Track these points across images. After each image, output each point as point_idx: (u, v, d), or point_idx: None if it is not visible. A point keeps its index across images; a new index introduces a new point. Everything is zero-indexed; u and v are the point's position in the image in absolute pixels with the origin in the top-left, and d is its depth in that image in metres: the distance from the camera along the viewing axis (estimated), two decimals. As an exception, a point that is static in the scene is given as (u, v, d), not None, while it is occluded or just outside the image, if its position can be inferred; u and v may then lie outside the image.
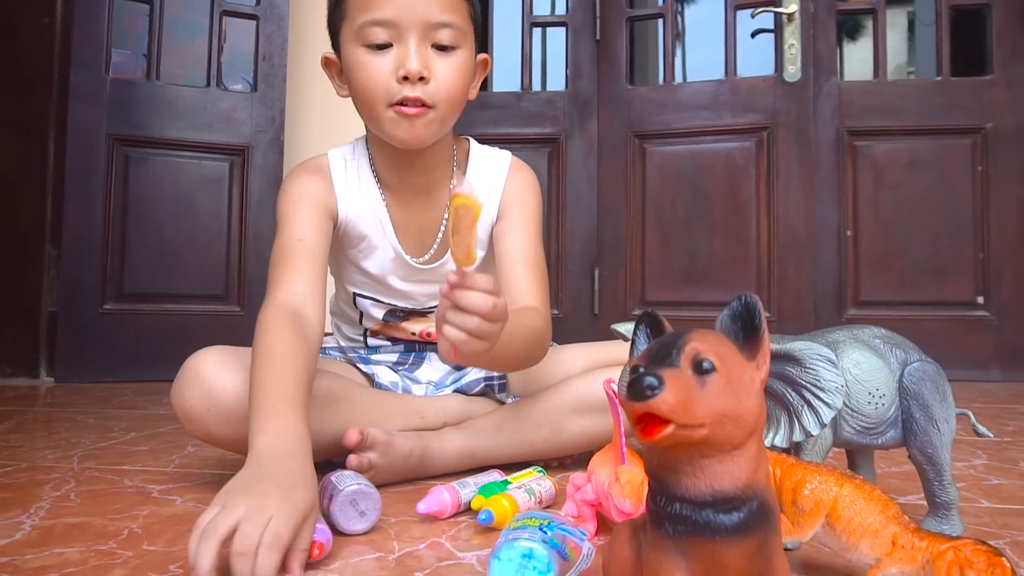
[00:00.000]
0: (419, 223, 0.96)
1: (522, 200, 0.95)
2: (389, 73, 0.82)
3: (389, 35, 0.82)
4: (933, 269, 2.21)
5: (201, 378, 0.78)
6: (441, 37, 0.83)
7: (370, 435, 0.81)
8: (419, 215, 0.96)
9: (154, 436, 1.20)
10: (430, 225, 0.96)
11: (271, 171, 2.23)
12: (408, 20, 0.81)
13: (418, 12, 0.81)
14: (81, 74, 2.09)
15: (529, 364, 0.88)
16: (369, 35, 0.82)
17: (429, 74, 0.82)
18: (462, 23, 0.85)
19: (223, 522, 0.52)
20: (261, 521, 0.53)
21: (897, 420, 0.65)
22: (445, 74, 0.84)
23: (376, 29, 0.82)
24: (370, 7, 0.82)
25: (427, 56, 0.83)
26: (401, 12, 0.81)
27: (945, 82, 2.22)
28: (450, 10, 0.83)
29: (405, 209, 0.95)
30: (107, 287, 2.08)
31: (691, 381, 0.39)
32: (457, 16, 0.84)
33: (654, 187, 2.37)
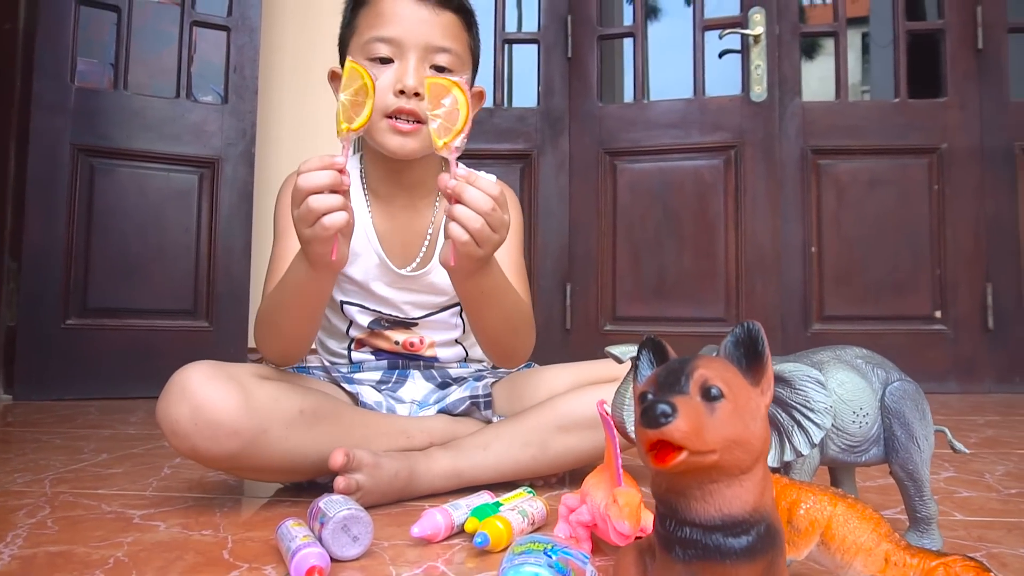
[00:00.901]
0: (404, 235, 0.99)
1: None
2: (388, 86, 0.88)
3: (392, 51, 0.89)
4: (893, 284, 2.28)
5: (188, 393, 0.77)
6: (439, 60, 0.91)
7: (356, 456, 0.80)
8: (404, 226, 1.00)
9: (127, 457, 1.17)
10: (415, 237, 1.01)
11: (241, 184, 2.20)
12: (410, 40, 0.89)
13: (421, 34, 0.89)
14: (45, 82, 2.04)
15: (514, 341, 0.91)
16: (373, 49, 0.89)
17: (423, 91, 0.85)
18: (460, 51, 0.93)
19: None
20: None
21: (879, 438, 0.68)
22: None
23: (380, 45, 0.89)
24: (377, 24, 0.90)
25: (423, 75, 0.88)
26: (405, 32, 0.89)
27: (903, 103, 2.31)
28: (451, 37, 0.91)
29: (391, 220, 0.99)
30: (70, 301, 2.02)
31: (701, 408, 0.40)
32: (457, 44, 0.92)
33: (625, 203, 2.41)
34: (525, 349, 0.94)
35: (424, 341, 1.02)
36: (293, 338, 0.88)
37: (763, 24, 2.31)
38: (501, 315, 0.87)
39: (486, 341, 0.92)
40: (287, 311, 0.85)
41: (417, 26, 0.89)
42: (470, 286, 0.82)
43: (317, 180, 0.71)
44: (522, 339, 0.92)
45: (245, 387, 0.79)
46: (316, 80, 2.40)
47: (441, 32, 0.90)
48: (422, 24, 0.89)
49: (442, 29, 0.91)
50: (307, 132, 2.39)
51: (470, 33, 0.96)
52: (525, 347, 0.93)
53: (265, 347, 0.89)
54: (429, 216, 1.01)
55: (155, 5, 2.30)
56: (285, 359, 0.91)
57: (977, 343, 2.23)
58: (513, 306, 0.88)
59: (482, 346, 0.94)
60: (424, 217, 1.01)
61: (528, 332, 0.93)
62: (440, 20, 0.91)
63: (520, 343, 0.92)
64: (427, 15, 0.90)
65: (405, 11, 0.90)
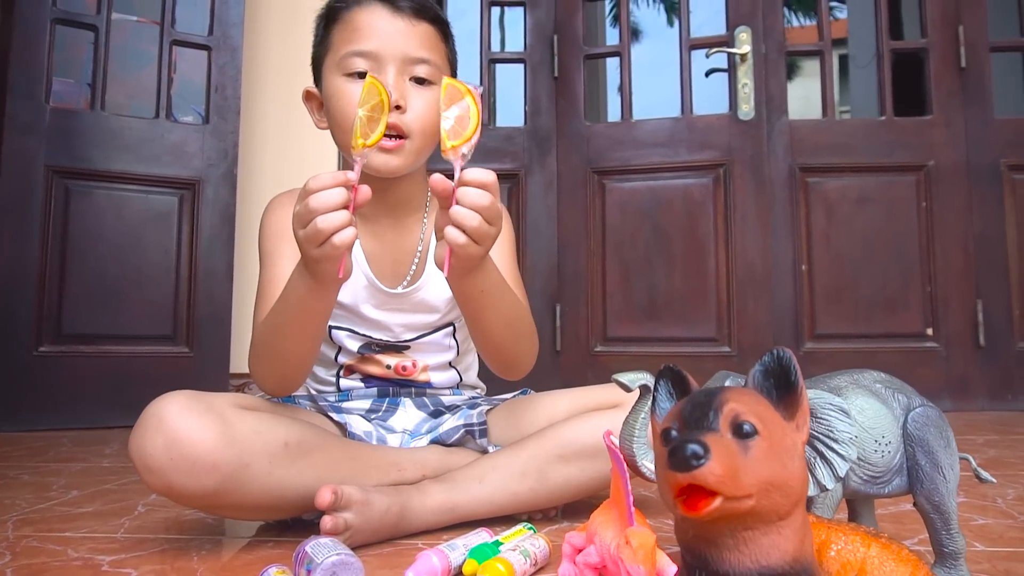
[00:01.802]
0: (393, 254, 0.96)
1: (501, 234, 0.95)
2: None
3: (369, 66, 0.86)
4: (884, 302, 2.27)
5: (164, 425, 0.72)
6: (419, 71, 0.88)
7: (345, 493, 0.75)
8: (393, 245, 0.96)
9: (99, 494, 1.10)
10: (404, 256, 0.97)
11: (223, 206, 2.15)
12: (388, 53, 0.86)
13: (398, 46, 0.87)
14: (18, 102, 1.98)
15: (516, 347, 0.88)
16: (350, 64, 0.87)
17: (406, 104, 0.86)
18: (439, 62, 0.90)
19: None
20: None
21: (902, 468, 0.64)
22: (421, 106, 0.87)
23: (357, 59, 0.86)
24: (353, 39, 0.87)
25: (404, 87, 0.87)
26: (382, 45, 0.87)
27: (889, 121, 2.31)
28: (428, 48, 0.89)
29: (379, 240, 0.96)
30: (43, 328, 1.95)
31: (734, 447, 0.36)
32: (435, 55, 0.90)
33: (614, 223, 2.38)
34: (529, 356, 0.91)
35: (417, 365, 0.98)
36: (295, 363, 0.83)
37: (749, 43, 2.31)
38: (502, 317, 0.84)
39: (488, 347, 0.88)
40: (288, 334, 0.80)
41: (394, 38, 0.87)
42: (469, 286, 0.79)
43: (330, 200, 0.67)
44: (525, 345, 0.89)
45: (225, 418, 0.74)
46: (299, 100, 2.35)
47: (419, 43, 0.88)
48: (399, 36, 0.87)
49: (419, 40, 0.88)
50: (290, 152, 2.35)
51: (447, 44, 0.94)
52: (529, 354, 0.90)
53: (263, 377, 0.85)
54: (417, 233, 0.97)
55: (134, 24, 2.26)
56: (284, 387, 0.86)
57: (969, 360, 2.21)
58: (512, 307, 0.85)
59: (484, 355, 0.90)
60: (412, 234, 0.97)
61: (531, 338, 0.90)
62: (417, 31, 0.89)
63: (523, 349, 0.89)
64: (404, 26, 0.88)
65: (381, 24, 0.88)
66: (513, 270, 0.97)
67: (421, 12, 0.89)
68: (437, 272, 0.94)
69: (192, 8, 2.21)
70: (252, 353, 0.85)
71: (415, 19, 0.88)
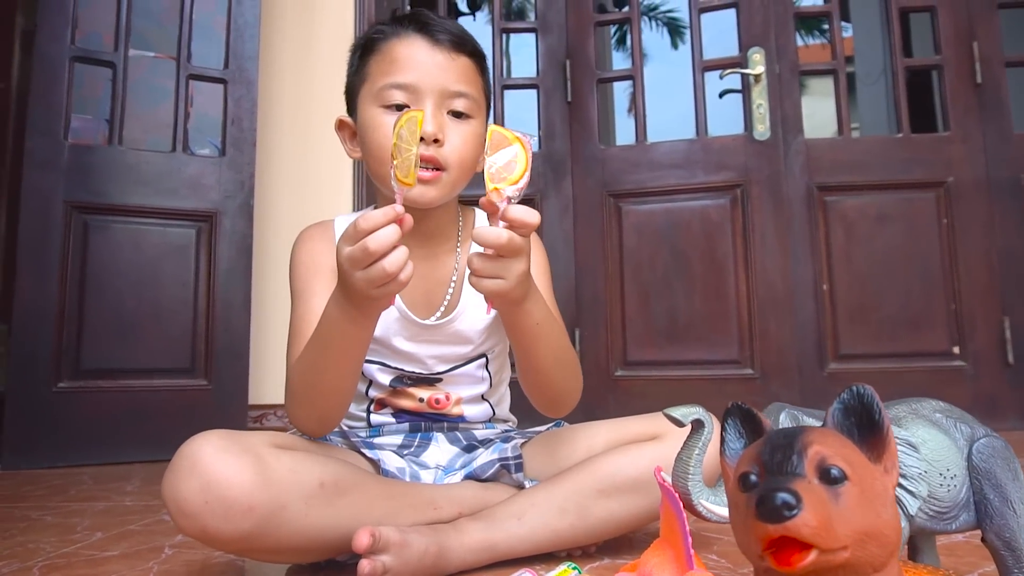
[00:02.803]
0: (425, 285, 0.94)
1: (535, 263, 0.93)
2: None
3: (407, 98, 0.85)
4: (908, 321, 2.23)
5: (200, 467, 0.70)
6: (457, 105, 0.87)
7: (383, 536, 0.73)
8: (425, 277, 0.94)
9: (124, 536, 1.08)
10: (437, 286, 0.95)
11: (240, 238, 2.15)
12: (427, 85, 0.86)
13: (437, 80, 0.86)
14: (37, 140, 1.99)
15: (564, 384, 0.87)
16: (388, 97, 0.86)
17: (443, 137, 0.85)
18: (476, 95, 0.89)
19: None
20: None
21: (969, 502, 0.61)
22: (458, 140, 0.87)
23: (395, 92, 0.85)
24: (392, 71, 0.86)
25: (442, 121, 0.86)
26: (421, 77, 0.86)
27: (906, 139, 2.30)
28: (466, 82, 0.88)
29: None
30: (62, 364, 1.94)
31: (824, 495, 0.34)
32: (472, 88, 0.89)
33: (631, 246, 2.37)
34: (575, 393, 0.89)
35: (450, 398, 0.95)
36: (336, 400, 0.82)
37: (763, 63, 2.31)
38: (552, 351, 0.83)
39: (537, 384, 0.86)
40: (329, 368, 0.79)
41: (433, 71, 0.86)
42: (521, 318, 0.78)
43: (388, 240, 0.67)
44: (572, 383, 0.88)
45: (261, 459, 0.72)
46: (315, 131, 2.38)
47: (456, 77, 0.87)
48: (438, 69, 0.86)
49: (457, 74, 0.88)
50: (307, 183, 2.35)
51: (484, 77, 0.93)
52: (575, 390, 0.89)
53: (303, 418, 0.83)
54: (451, 263, 0.96)
55: (150, 59, 2.28)
56: (324, 426, 0.84)
57: (998, 379, 2.17)
58: (560, 340, 0.84)
59: (531, 391, 0.88)
60: (446, 265, 0.95)
61: (578, 376, 0.88)
62: (456, 65, 0.88)
63: (571, 386, 0.88)
64: (443, 60, 0.87)
65: (420, 56, 0.87)
66: (555, 307, 0.95)
67: (460, 45, 0.88)
68: (471, 303, 0.93)
69: (208, 43, 2.23)
70: (289, 395, 0.83)
71: (454, 52, 0.88)
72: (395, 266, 0.67)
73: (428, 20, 0.88)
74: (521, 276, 0.72)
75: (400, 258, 0.67)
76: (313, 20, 2.44)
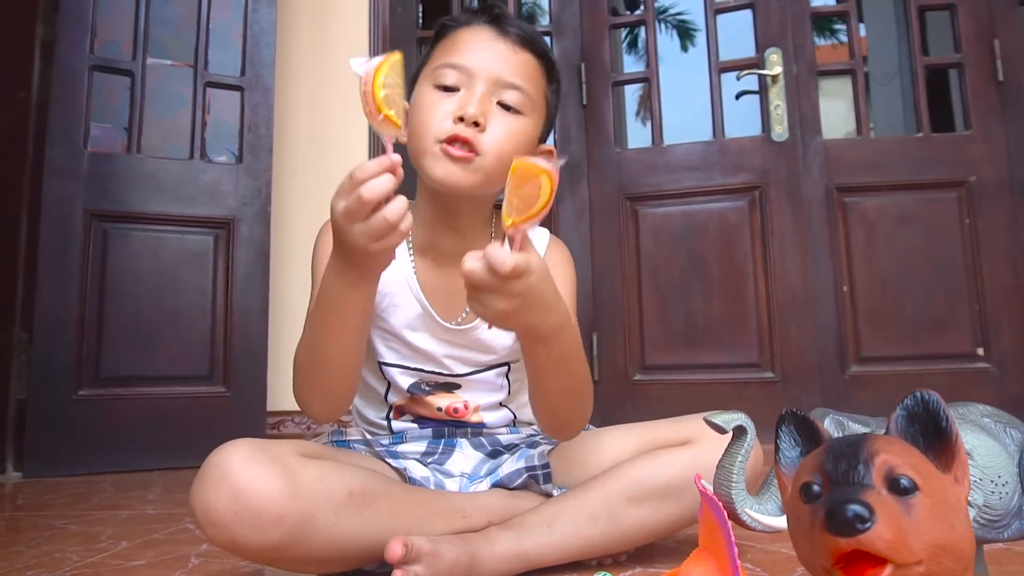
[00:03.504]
0: (449, 286, 0.90)
1: (560, 274, 0.90)
2: (447, 112, 0.81)
3: (459, 80, 0.83)
4: (931, 322, 2.20)
5: (228, 477, 0.69)
6: (507, 97, 0.83)
7: (415, 546, 0.72)
8: (450, 278, 0.90)
9: (149, 545, 1.07)
10: (462, 291, 0.90)
11: (257, 244, 2.15)
12: (480, 70, 0.83)
13: (492, 66, 0.83)
14: (57, 149, 2.00)
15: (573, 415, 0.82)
16: (441, 76, 0.84)
17: (485, 122, 0.81)
18: (533, 94, 0.85)
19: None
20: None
21: (1021, 509, 0.59)
22: (501, 130, 0.82)
23: (449, 71, 0.83)
24: (450, 51, 0.85)
25: (488, 107, 0.82)
26: (476, 61, 0.83)
27: (926, 138, 2.27)
28: (523, 76, 0.85)
29: (436, 271, 0.91)
30: (82, 371, 1.95)
31: (896, 506, 0.33)
32: (530, 85, 0.85)
33: (648, 249, 2.35)
34: (580, 424, 0.84)
35: (469, 406, 0.93)
36: (338, 376, 0.78)
37: (780, 64, 2.29)
38: (565, 386, 0.78)
39: (543, 411, 0.82)
40: (329, 339, 0.76)
41: (490, 57, 0.84)
42: (533, 347, 0.74)
43: (384, 188, 0.64)
44: (581, 412, 0.82)
45: (290, 468, 0.72)
46: (331, 137, 2.38)
47: (514, 69, 0.84)
48: (496, 57, 0.84)
49: (516, 67, 0.84)
50: (323, 189, 2.35)
51: (549, 83, 0.89)
52: (581, 422, 0.84)
53: (309, 399, 0.80)
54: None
55: (168, 68, 2.29)
56: (331, 407, 0.81)
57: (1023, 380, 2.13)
58: (579, 379, 0.79)
59: (537, 414, 0.84)
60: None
61: (588, 404, 0.83)
62: (517, 58, 0.85)
63: (579, 416, 0.83)
64: (504, 49, 0.84)
65: (482, 42, 0.85)
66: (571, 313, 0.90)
67: (527, 42, 0.86)
68: None
69: (224, 50, 2.24)
70: (295, 376, 0.80)
71: (518, 46, 0.85)
72: (396, 215, 0.64)
73: (501, 14, 0.87)
74: (498, 313, 0.66)
75: (400, 207, 0.65)
76: (328, 27, 2.44)
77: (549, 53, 0.89)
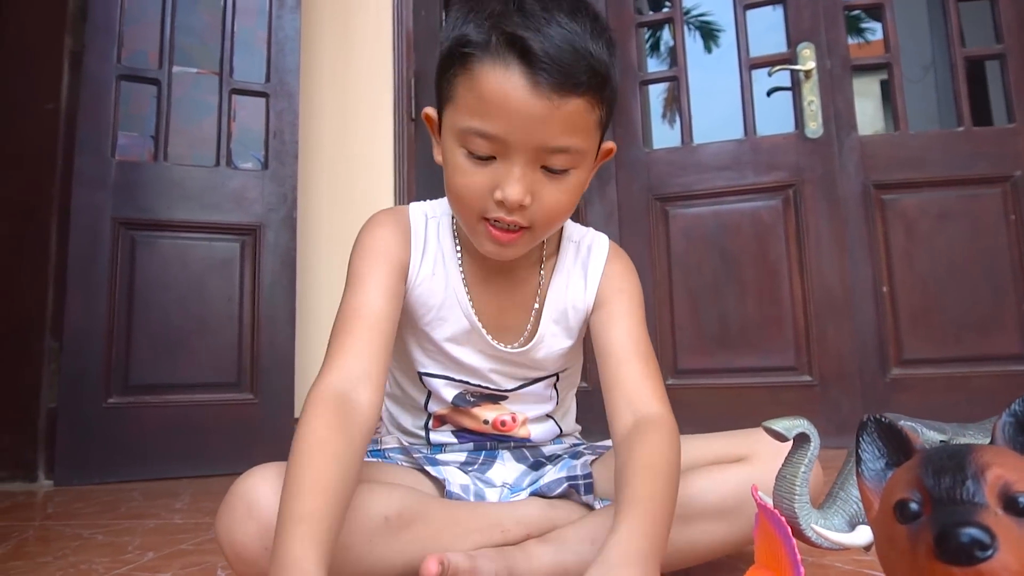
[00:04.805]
0: (502, 304, 0.85)
1: (623, 286, 0.85)
2: (486, 189, 0.71)
3: (493, 149, 0.69)
4: (975, 323, 2.12)
5: (256, 508, 0.65)
6: (554, 162, 0.70)
7: (452, 563, 0.68)
8: (503, 297, 0.86)
9: (175, 556, 1.05)
10: (516, 310, 0.86)
11: (284, 250, 2.14)
12: (519, 141, 0.68)
13: (533, 135, 0.67)
14: (86, 158, 2.01)
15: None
16: (472, 144, 0.70)
17: (531, 202, 0.71)
18: (583, 144, 0.70)
19: None
20: None
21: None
22: (551, 199, 0.72)
23: (480, 141, 0.69)
24: (480, 113, 0.68)
25: (533, 181, 0.70)
26: (512, 131, 0.67)
27: (967, 132, 2.19)
28: (571, 132, 0.68)
29: (486, 284, 0.85)
30: (112, 380, 1.95)
31: (1017, 531, 0.28)
32: (578, 138, 0.69)
33: (679, 250, 2.30)
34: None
35: (517, 418, 0.89)
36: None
37: (813, 59, 2.23)
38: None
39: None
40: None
41: (528, 125, 0.67)
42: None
43: None
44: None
45: None
46: (356, 142, 2.36)
47: (560, 128, 0.67)
48: (535, 123, 0.66)
49: (561, 126, 0.67)
50: (348, 194, 2.34)
51: (601, 105, 0.71)
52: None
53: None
54: (533, 285, 0.86)
55: (194, 75, 2.30)
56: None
57: (1076, 382, 2.04)
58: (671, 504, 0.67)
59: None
60: (527, 288, 0.86)
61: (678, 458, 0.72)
62: (559, 115, 0.67)
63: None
64: (543, 110, 0.66)
65: (514, 103, 0.66)
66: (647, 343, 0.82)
67: (569, 85, 0.66)
68: (551, 331, 0.86)
69: (249, 57, 2.24)
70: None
71: (559, 96, 0.66)
72: None
73: (531, 46, 0.65)
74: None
75: None
76: (352, 33, 2.43)
77: (599, 70, 0.69)
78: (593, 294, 0.86)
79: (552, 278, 0.86)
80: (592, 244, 0.89)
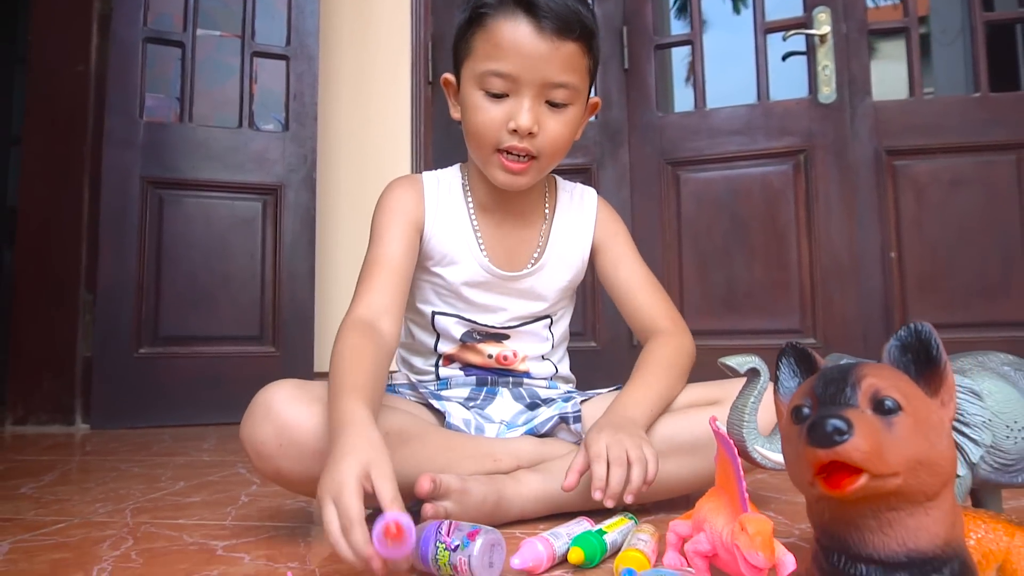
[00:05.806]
0: (509, 242, 0.99)
1: (616, 228, 1.03)
2: (501, 122, 0.87)
3: (507, 87, 0.86)
4: (983, 289, 2.14)
5: (273, 413, 0.76)
6: (556, 96, 0.87)
7: (444, 482, 0.76)
8: (511, 235, 0.99)
9: (204, 485, 1.15)
10: (522, 246, 0.99)
11: (304, 210, 2.22)
12: (527, 77, 0.85)
13: (539, 71, 0.85)
14: (115, 119, 2.10)
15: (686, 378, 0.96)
16: (488, 83, 0.87)
17: (538, 130, 0.87)
18: (578, 83, 0.88)
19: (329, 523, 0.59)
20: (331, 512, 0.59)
21: (1037, 455, 0.59)
22: (554, 129, 0.88)
23: (496, 80, 0.86)
24: (495, 57, 0.86)
25: (539, 112, 0.87)
26: (523, 69, 0.85)
27: (984, 98, 2.18)
28: (569, 71, 0.86)
29: (496, 228, 0.98)
30: (142, 331, 2.06)
31: (877, 423, 0.35)
32: (574, 76, 0.87)
33: (689, 214, 2.33)
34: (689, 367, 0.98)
35: (517, 355, 0.99)
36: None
37: (829, 23, 2.23)
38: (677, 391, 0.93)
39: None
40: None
41: (535, 62, 0.84)
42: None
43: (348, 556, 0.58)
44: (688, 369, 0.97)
45: None
46: (374, 104, 2.42)
47: (559, 67, 0.85)
48: (540, 60, 0.84)
49: (561, 64, 0.85)
50: (366, 155, 2.40)
51: (590, 56, 0.90)
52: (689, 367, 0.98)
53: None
54: (539, 224, 1.00)
55: (217, 38, 2.35)
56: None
57: (1082, 349, 2.06)
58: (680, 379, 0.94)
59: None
60: (533, 225, 1.00)
61: (690, 358, 0.98)
62: (559, 54, 0.85)
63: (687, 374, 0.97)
64: (546, 50, 0.84)
65: (523, 45, 0.84)
66: (649, 274, 1.02)
67: (566, 30, 0.84)
68: (553, 263, 0.99)
69: (270, 20, 2.29)
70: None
71: (559, 39, 0.84)
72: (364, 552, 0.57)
73: (535, 0, 0.83)
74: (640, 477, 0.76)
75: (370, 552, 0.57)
76: (371, -5, 2.46)
77: (589, 26, 0.88)
78: (590, 234, 1.01)
79: (554, 217, 1.01)
80: (583, 193, 1.06)
